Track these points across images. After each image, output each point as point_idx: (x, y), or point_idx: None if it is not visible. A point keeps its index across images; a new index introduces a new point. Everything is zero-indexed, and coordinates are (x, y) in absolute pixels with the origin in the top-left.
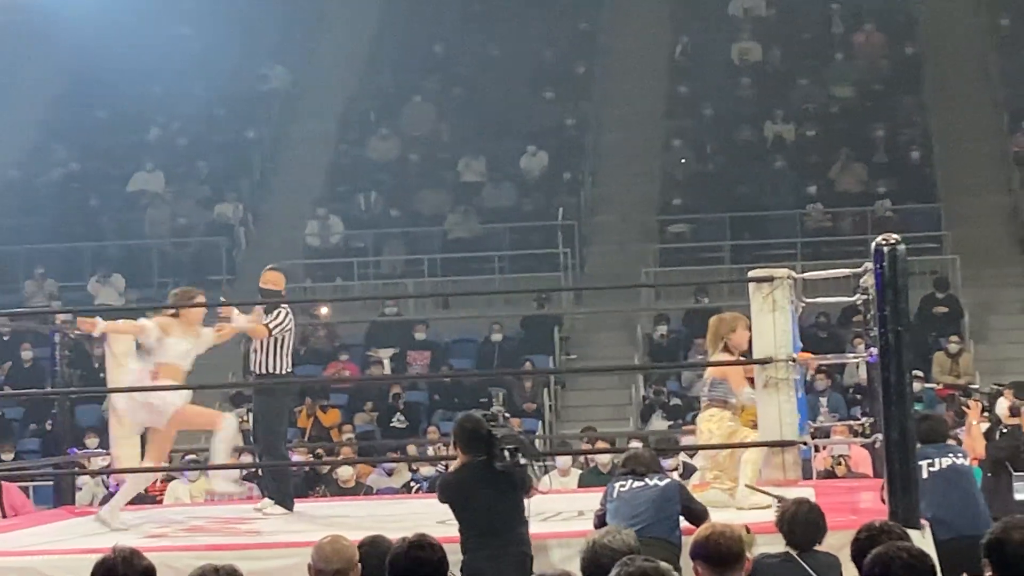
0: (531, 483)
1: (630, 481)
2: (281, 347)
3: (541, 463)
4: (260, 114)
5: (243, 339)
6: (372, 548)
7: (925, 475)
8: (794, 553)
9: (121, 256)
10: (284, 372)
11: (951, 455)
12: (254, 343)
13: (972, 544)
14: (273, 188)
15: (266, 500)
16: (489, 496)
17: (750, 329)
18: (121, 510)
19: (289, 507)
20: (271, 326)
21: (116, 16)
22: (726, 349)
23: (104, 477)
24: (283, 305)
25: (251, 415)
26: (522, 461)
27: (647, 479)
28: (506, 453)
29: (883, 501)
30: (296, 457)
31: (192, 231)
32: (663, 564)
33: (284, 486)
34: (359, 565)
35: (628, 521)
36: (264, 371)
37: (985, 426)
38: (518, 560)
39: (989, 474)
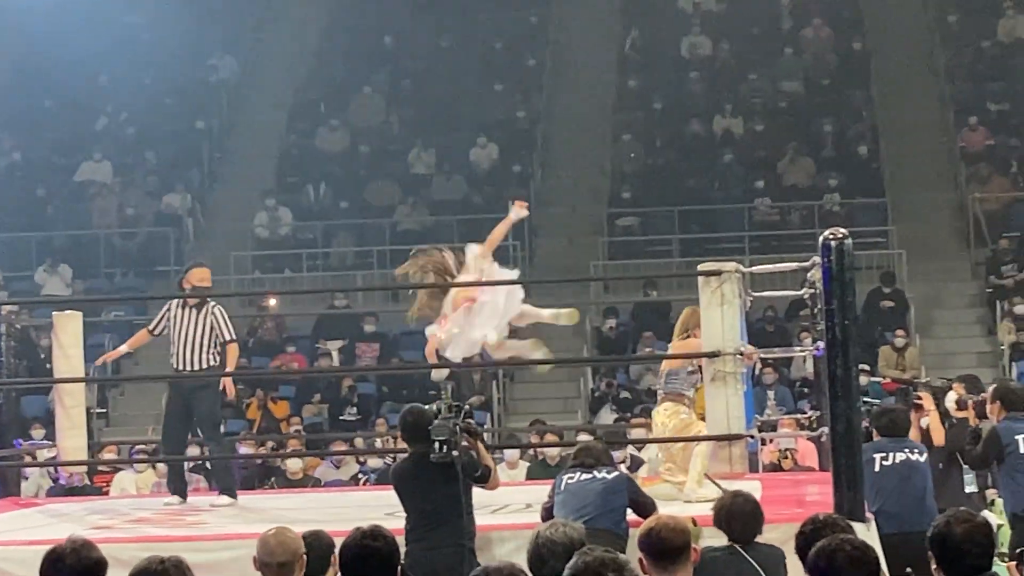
0: (482, 473)
1: (578, 473)
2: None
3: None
4: (209, 104)
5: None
6: (316, 541)
7: (878, 467)
8: (738, 547)
9: (68, 246)
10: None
11: (907, 450)
12: (182, 340)
13: (917, 539)
14: (222, 179)
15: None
16: (428, 488)
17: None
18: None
19: (234, 495)
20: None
21: (64, 4)
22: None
23: (50, 468)
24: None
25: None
26: (455, 453)
27: (595, 472)
28: (436, 445)
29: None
30: (244, 449)
31: (140, 221)
32: (621, 556)
33: (229, 475)
34: (304, 558)
35: (574, 513)
36: (203, 365)
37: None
38: (455, 552)
39: (940, 465)
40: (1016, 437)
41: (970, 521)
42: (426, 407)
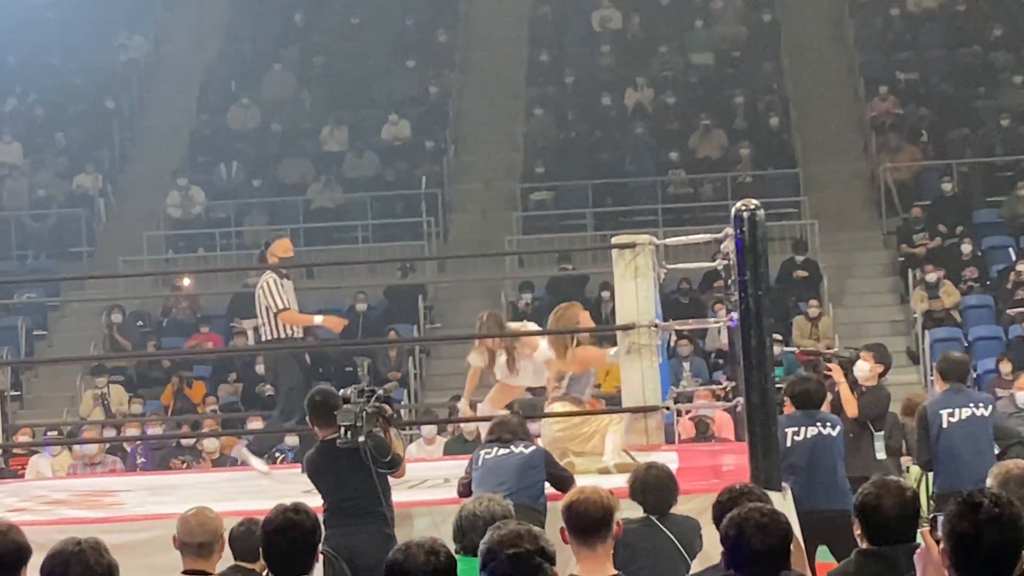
0: (392, 459)
1: (495, 448)
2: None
3: (406, 431)
4: (119, 84)
5: (108, 310)
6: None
7: (789, 443)
8: (653, 518)
9: None
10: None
11: (819, 423)
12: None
13: (827, 518)
14: (133, 159)
15: None
16: (341, 475)
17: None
18: None
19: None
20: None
21: None
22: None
23: None
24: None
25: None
26: (360, 439)
27: (512, 446)
28: (342, 431)
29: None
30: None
31: (51, 203)
32: (535, 527)
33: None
34: (224, 537)
35: (493, 488)
36: (275, 336)
37: None
38: (375, 540)
39: (851, 434)
40: (941, 412)
41: (900, 493)
42: (335, 390)
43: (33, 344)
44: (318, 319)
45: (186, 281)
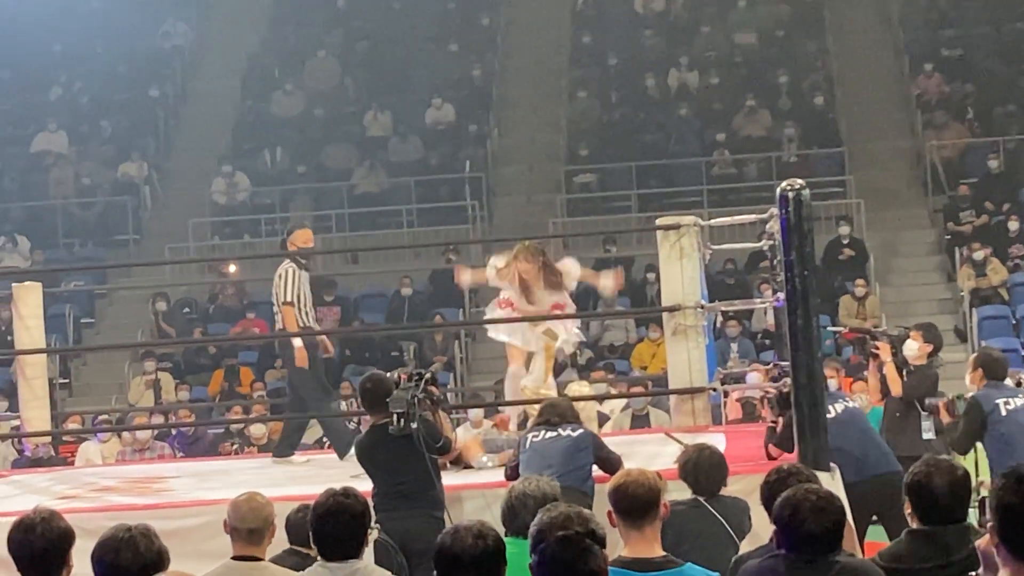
0: (443, 444)
1: (543, 432)
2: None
3: (452, 415)
4: (163, 72)
5: (154, 298)
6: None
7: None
8: (702, 499)
9: (25, 217)
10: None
11: (842, 400)
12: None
13: (881, 483)
14: (178, 146)
15: None
16: (393, 460)
17: (530, 259)
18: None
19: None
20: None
21: None
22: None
23: (15, 440)
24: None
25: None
26: (413, 426)
27: (560, 429)
28: (394, 418)
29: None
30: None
31: (97, 191)
32: (585, 510)
33: (342, 435)
34: (275, 524)
35: (539, 471)
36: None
37: None
38: (426, 525)
39: (898, 414)
40: (997, 402)
41: (952, 472)
42: (386, 375)
43: (81, 332)
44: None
45: (232, 267)
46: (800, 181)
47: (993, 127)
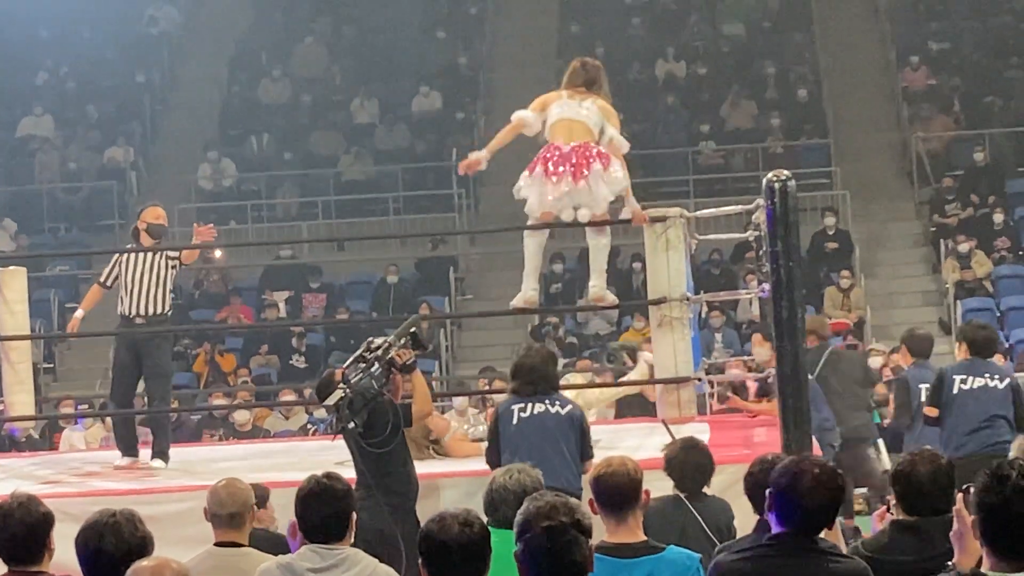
0: (387, 435)
1: (530, 404)
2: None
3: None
4: (150, 57)
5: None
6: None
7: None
8: (683, 496)
9: (11, 201)
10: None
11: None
12: (135, 285)
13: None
14: (164, 132)
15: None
16: (353, 450)
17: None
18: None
19: (166, 459)
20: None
21: None
22: None
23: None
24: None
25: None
26: (351, 425)
27: (547, 402)
28: (334, 420)
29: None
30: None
31: (83, 176)
32: (571, 500)
33: (166, 436)
34: (255, 508)
35: (525, 457)
36: (156, 311)
37: None
38: (376, 514)
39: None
40: (955, 378)
41: (934, 461)
42: (335, 371)
43: (65, 316)
44: (79, 313)
45: (218, 253)
46: (786, 172)
47: (979, 120)
